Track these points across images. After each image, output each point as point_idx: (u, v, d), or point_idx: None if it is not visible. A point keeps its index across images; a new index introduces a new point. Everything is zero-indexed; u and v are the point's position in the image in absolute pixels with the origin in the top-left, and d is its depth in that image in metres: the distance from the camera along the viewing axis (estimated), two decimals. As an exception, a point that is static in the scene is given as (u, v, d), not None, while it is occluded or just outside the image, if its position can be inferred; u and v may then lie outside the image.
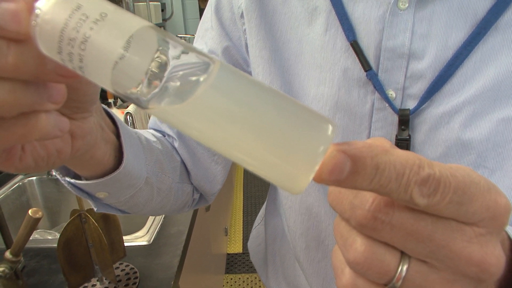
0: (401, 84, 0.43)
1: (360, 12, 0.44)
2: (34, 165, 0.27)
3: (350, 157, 0.18)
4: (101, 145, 0.36)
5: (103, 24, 0.18)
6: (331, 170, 0.18)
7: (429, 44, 0.42)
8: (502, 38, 0.39)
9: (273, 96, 0.19)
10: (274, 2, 0.49)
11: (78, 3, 0.18)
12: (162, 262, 0.88)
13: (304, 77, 0.49)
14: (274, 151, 0.18)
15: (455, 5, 0.40)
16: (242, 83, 0.19)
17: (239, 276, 2.28)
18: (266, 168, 0.19)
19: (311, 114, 0.19)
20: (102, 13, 0.18)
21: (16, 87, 0.20)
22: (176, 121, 0.19)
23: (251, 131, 0.18)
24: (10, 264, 0.68)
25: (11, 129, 0.21)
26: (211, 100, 0.18)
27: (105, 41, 0.18)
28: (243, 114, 0.18)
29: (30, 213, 0.64)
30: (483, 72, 0.40)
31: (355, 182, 0.18)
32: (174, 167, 0.54)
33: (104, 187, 0.40)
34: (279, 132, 0.18)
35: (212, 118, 0.18)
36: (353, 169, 0.18)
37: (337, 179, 0.18)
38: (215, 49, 0.55)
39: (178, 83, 0.18)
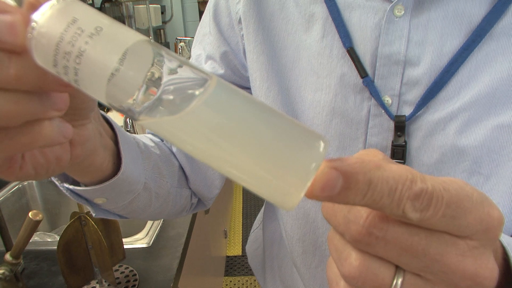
0: (397, 90, 0.44)
1: (356, 19, 0.44)
2: (34, 173, 0.27)
3: (342, 174, 0.18)
4: (100, 151, 0.36)
5: (98, 39, 0.18)
6: (323, 187, 0.18)
7: (425, 51, 0.42)
8: (497, 45, 0.40)
9: (266, 114, 0.19)
10: (272, 8, 0.50)
11: (73, 16, 0.19)
12: (162, 265, 0.88)
13: (301, 83, 0.49)
14: (266, 167, 0.18)
15: (451, 12, 0.41)
16: (237, 100, 0.19)
17: (239, 279, 2.28)
18: (258, 184, 0.19)
19: (303, 131, 0.19)
20: (98, 27, 0.19)
21: (19, 97, 0.20)
22: (168, 134, 0.19)
23: (243, 147, 0.18)
24: (10, 267, 0.69)
25: (16, 138, 0.21)
26: (205, 114, 0.18)
27: (100, 55, 0.18)
28: (236, 131, 0.18)
29: (30, 216, 0.65)
30: (478, 79, 0.41)
31: (348, 198, 0.18)
32: (172, 172, 0.54)
33: (102, 193, 0.40)
34: (271, 149, 0.18)
35: (205, 133, 0.18)
36: (345, 185, 0.18)
37: (329, 195, 0.18)
38: (213, 54, 0.55)
39: (171, 96, 0.19)
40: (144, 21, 2.42)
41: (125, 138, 0.42)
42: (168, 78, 0.19)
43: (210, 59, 0.56)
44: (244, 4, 0.50)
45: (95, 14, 0.19)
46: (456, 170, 0.43)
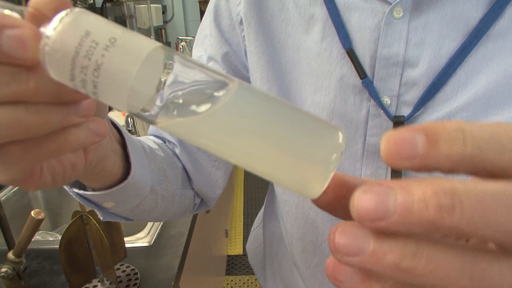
0: (395, 91, 0.44)
1: (355, 21, 0.45)
2: (52, 182, 0.28)
3: (420, 130, 0.15)
4: (111, 156, 0.36)
5: (114, 50, 0.19)
6: (399, 143, 0.15)
7: (423, 52, 0.42)
8: (493, 47, 0.40)
9: (286, 109, 0.20)
10: (272, 9, 0.50)
11: (86, 29, 0.19)
12: (163, 263, 0.88)
13: (301, 84, 0.50)
14: (290, 162, 0.19)
15: (448, 14, 0.41)
16: (259, 99, 0.20)
17: (240, 278, 2.29)
18: (283, 178, 0.19)
19: (322, 124, 0.20)
20: (112, 38, 0.19)
21: (41, 109, 0.21)
22: (188, 133, 0.20)
23: (267, 144, 0.19)
24: (13, 265, 0.69)
25: (43, 146, 0.22)
26: (230, 114, 0.19)
27: (119, 67, 0.19)
28: (260, 129, 0.19)
29: (32, 214, 0.65)
30: (475, 80, 0.41)
31: (443, 151, 0.15)
32: (176, 174, 0.55)
33: (111, 197, 0.40)
34: (294, 144, 0.19)
35: (230, 132, 0.19)
36: (431, 138, 0.15)
37: (414, 153, 0.15)
38: (214, 56, 0.56)
39: (190, 99, 0.19)
40: (145, 20, 2.42)
41: (132, 142, 0.42)
42: (184, 81, 0.19)
43: (211, 60, 0.56)
44: (245, 5, 0.50)
45: (106, 25, 0.19)
46: None
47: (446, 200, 0.14)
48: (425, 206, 0.14)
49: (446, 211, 0.14)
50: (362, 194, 0.15)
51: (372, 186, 0.15)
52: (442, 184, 0.14)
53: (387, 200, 0.15)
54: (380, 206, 0.15)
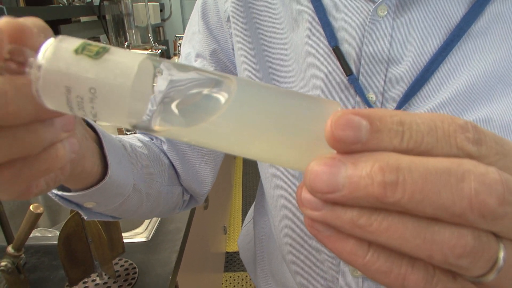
0: (380, 87, 0.45)
1: (341, 19, 0.45)
2: (46, 188, 0.29)
3: (364, 117, 0.16)
4: (89, 156, 0.37)
5: (102, 71, 0.19)
6: (343, 126, 0.16)
7: (407, 49, 0.43)
8: (474, 45, 0.41)
9: (285, 96, 0.20)
10: (259, 7, 0.51)
11: (66, 85, 0.19)
12: (161, 258, 0.89)
13: (288, 81, 0.50)
14: (296, 144, 0.19)
15: (431, 13, 0.42)
16: (260, 93, 0.20)
17: (238, 274, 2.30)
18: (291, 160, 0.20)
19: (321, 102, 0.20)
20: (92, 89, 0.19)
21: (37, 127, 0.21)
22: (197, 139, 0.20)
23: (274, 132, 0.19)
24: (12, 259, 0.70)
25: (35, 166, 0.23)
26: (238, 113, 0.19)
27: (112, 92, 0.19)
28: (266, 120, 0.19)
29: (31, 209, 0.66)
30: (457, 76, 0.42)
31: (383, 142, 0.16)
32: (162, 171, 0.55)
33: (91, 197, 0.40)
34: (301, 127, 0.19)
35: (241, 130, 0.19)
36: (373, 128, 0.16)
37: (356, 138, 0.16)
38: (202, 52, 0.56)
39: (188, 104, 0.20)
40: (143, 18, 2.43)
41: (110, 141, 0.42)
42: (180, 87, 0.20)
43: (200, 57, 0.56)
44: (232, 2, 0.51)
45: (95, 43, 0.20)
46: None
47: (391, 176, 0.15)
48: (371, 182, 0.15)
49: (389, 188, 0.15)
50: (316, 166, 0.16)
51: (325, 159, 0.16)
52: (389, 160, 0.16)
53: (338, 174, 0.16)
54: (330, 180, 0.16)
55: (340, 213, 0.16)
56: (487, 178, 0.15)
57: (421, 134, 0.16)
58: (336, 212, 0.17)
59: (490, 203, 0.15)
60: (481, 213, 0.15)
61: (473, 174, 0.15)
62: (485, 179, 0.15)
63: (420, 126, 0.16)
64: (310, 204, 0.17)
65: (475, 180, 0.15)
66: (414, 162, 0.16)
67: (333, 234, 0.17)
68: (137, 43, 2.34)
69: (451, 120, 0.16)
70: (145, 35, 2.46)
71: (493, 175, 0.16)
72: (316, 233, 0.18)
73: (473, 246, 0.16)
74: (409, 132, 0.16)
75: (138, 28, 2.40)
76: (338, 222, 0.17)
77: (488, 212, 0.15)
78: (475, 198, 0.15)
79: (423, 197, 0.15)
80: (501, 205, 0.15)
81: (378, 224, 0.16)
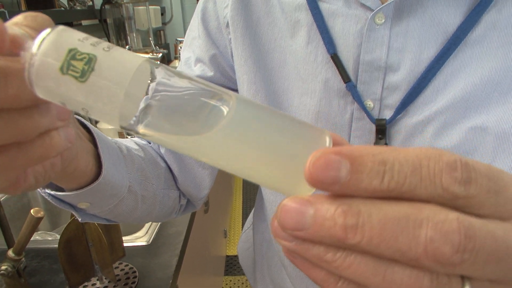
0: (378, 95, 0.45)
1: (339, 27, 0.46)
2: (35, 183, 0.28)
3: (345, 156, 0.16)
4: (83, 154, 0.36)
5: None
6: (323, 168, 0.16)
7: (404, 57, 0.44)
8: (471, 53, 0.42)
9: (280, 119, 0.21)
10: (258, 13, 0.51)
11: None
12: (161, 262, 0.89)
13: (287, 87, 0.51)
14: (288, 168, 0.20)
15: (428, 21, 0.42)
16: (256, 114, 0.21)
17: (239, 278, 2.29)
18: (280, 184, 0.20)
19: (311, 130, 0.21)
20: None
21: (33, 111, 0.21)
22: (188, 149, 0.20)
23: (262, 155, 0.20)
24: (13, 263, 0.70)
25: (29, 153, 0.22)
26: (232, 132, 0.20)
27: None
28: (258, 141, 0.20)
29: (32, 213, 0.66)
30: (453, 84, 0.42)
31: (363, 183, 0.16)
32: (158, 174, 0.55)
33: (85, 197, 0.40)
34: (290, 151, 0.20)
35: (232, 148, 0.20)
36: (353, 168, 0.16)
37: (335, 179, 0.16)
38: (202, 57, 0.56)
39: (180, 114, 0.20)
40: (144, 22, 2.43)
41: (105, 141, 0.42)
42: (174, 96, 0.20)
43: (199, 61, 0.57)
44: (232, 8, 0.51)
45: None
46: None
47: (352, 220, 0.16)
48: (333, 224, 0.16)
49: (350, 231, 0.16)
50: (287, 202, 0.17)
51: (297, 197, 0.17)
52: (352, 203, 0.16)
53: (305, 214, 0.17)
54: (298, 218, 0.17)
55: (308, 247, 0.17)
56: (445, 226, 0.16)
57: (404, 175, 0.16)
58: (305, 245, 0.17)
59: (445, 251, 0.16)
60: (436, 260, 0.16)
61: (431, 221, 0.16)
62: (442, 227, 0.16)
63: (403, 165, 0.16)
64: (283, 236, 0.18)
65: (431, 228, 0.16)
66: (375, 206, 0.16)
67: (306, 262, 0.18)
68: (138, 46, 2.34)
69: (438, 157, 0.16)
70: (146, 39, 2.46)
71: (451, 224, 0.16)
72: (292, 259, 0.19)
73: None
74: (391, 173, 0.16)
75: (139, 31, 2.40)
76: (307, 255, 0.18)
77: (443, 260, 0.16)
78: (430, 246, 0.16)
79: (380, 241, 0.16)
80: (457, 253, 0.16)
81: (342, 261, 0.17)
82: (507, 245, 0.17)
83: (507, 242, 0.17)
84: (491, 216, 0.17)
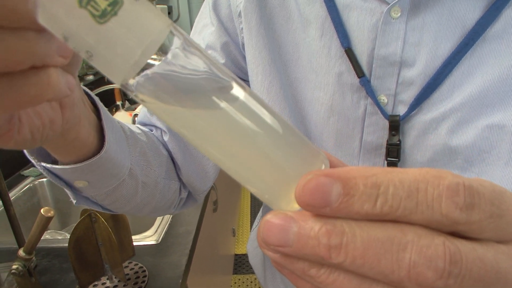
0: (392, 90, 0.45)
1: (354, 20, 0.45)
2: (31, 138, 0.26)
3: (338, 179, 0.16)
4: (86, 124, 0.34)
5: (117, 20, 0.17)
6: (312, 192, 0.16)
7: (420, 52, 0.43)
8: (489, 49, 0.41)
9: (281, 124, 0.20)
10: (272, 5, 0.50)
11: (63, 33, 0.17)
12: (170, 261, 0.89)
13: (301, 80, 0.50)
14: (271, 179, 0.19)
15: (445, 15, 0.41)
16: (259, 112, 0.19)
17: (247, 277, 2.29)
18: (257, 192, 0.20)
19: (310, 151, 0.20)
20: (88, 52, 0.17)
21: (30, 34, 0.18)
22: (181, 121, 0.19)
23: (257, 154, 0.19)
24: (23, 262, 0.70)
25: (23, 89, 0.19)
26: (232, 118, 0.19)
27: (122, 42, 0.17)
28: (258, 140, 0.19)
29: (42, 212, 0.66)
30: (470, 81, 0.41)
31: (355, 207, 0.16)
32: (160, 162, 0.53)
33: (83, 173, 0.38)
34: (283, 160, 0.19)
35: (229, 133, 0.19)
36: (345, 191, 0.16)
37: (326, 203, 0.16)
38: (213, 44, 0.55)
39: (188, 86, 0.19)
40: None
41: (109, 117, 0.40)
42: (185, 68, 0.18)
43: (210, 49, 0.56)
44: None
45: None
46: (449, 168, 0.44)
47: (335, 240, 0.16)
48: (317, 243, 0.16)
49: (333, 250, 0.16)
50: (270, 218, 0.17)
51: (280, 213, 0.17)
52: (336, 223, 0.16)
53: (288, 231, 0.17)
54: (281, 235, 0.17)
55: (293, 261, 0.17)
56: (429, 251, 0.15)
57: (398, 198, 0.15)
58: (289, 259, 0.17)
59: (428, 276, 0.15)
60: (419, 285, 0.15)
61: (416, 245, 0.15)
62: (427, 252, 0.15)
63: (398, 189, 0.15)
64: (268, 248, 0.18)
65: (415, 252, 0.15)
66: (360, 227, 0.16)
67: (293, 273, 0.18)
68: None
69: (438, 181, 0.15)
70: (154, 38, 2.46)
71: (436, 248, 0.15)
72: (279, 269, 0.18)
73: None
74: (384, 196, 0.16)
75: (146, 31, 2.41)
76: (291, 268, 0.17)
77: (426, 285, 0.15)
78: (413, 270, 0.15)
79: (363, 262, 0.16)
80: (441, 279, 0.15)
81: (326, 277, 0.17)
82: (496, 270, 0.16)
83: (496, 267, 0.16)
84: (489, 239, 0.17)
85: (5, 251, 0.94)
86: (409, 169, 0.16)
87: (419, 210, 0.15)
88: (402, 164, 0.47)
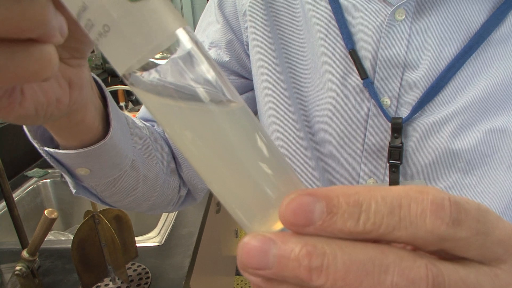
0: (396, 92, 0.45)
1: (358, 21, 0.45)
2: (34, 113, 0.26)
3: (320, 197, 0.16)
4: (92, 108, 0.34)
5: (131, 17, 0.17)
6: (294, 211, 0.16)
7: (424, 55, 0.43)
8: (494, 52, 0.40)
9: (270, 144, 0.19)
10: (278, 4, 0.51)
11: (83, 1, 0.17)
12: (173, 263, 0.89)
13: (305, 80, 0.50)
14: (250, 198, 0.18)
15: (450, 18, 0.41)
16: (249, 128, 0.19)
17: (250, 278, 2.29)
18: (236, 212, 0.19)
19: (290, 175, 0.19)
20: (106, 26, 0.17)
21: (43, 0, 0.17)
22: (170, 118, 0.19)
23: (238, 171, 0.18)
24: (27, 263, 0.70)
25: (23, 62, 0.18)
26: (220, 124, 0.18)
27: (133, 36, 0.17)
28: (239, 157, 0.18)
29: (45, 214, 0.66)
30: (474, 84, 0.41)
31: (337, 225, 0.16)
32: (162, 157, 0.53)
33: (86, 160, 0.37)
34: (263, 177, 0.18)
35: (215, 140, 0.18)
36: (328, 209, 0.16)
37: (308, 221, 0.16)
38: (218, 42, 0.55)
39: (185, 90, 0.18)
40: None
41: (114, 105, 0.39)
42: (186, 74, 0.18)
43: (214, 46, 0.55)
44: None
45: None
46: (451, 171, 0.44)
47: (316, 262, 0.15)
48: (298, 265, 0.15)
49: (314, 272, 0.15)
50: (248, 240, 0.16)
51: (258, 235, 0.16)
52: (317, 244, 0.16)
53: (268, 253, 0.16)
54: (261, 258, 0.16)
55: (274, 284, 0.17)
56: (412, 273, 0.15)
57: (381, 215, 0.15)
58: (270, 282, 0.17)
59: None
60: None
61: (398, 267, 0.15)
62: (410, 274, 0.15)
63: (380, 205, 0.15)
64: (248, 271, 0.17)
65: (398, 274, 0.15)
66: (341, 248, 0.16)
67: None
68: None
69: (422, 197, 0.15)
70: (157, 39, 2.47)
71: (419, 270, 0.15)
72: None
73: None
74: (366, 214, 0.15)
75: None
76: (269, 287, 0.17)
77: None
78: None
79: (345, 285, 0.15)
80: None
81: None
82: None
83: None
84: (474, 258, 0.17)
85: (8, 252, 0.95)
86: (393, 186, 0.16)
87: (402, 226, 0.15)
88: (404, 166, 0.46)
